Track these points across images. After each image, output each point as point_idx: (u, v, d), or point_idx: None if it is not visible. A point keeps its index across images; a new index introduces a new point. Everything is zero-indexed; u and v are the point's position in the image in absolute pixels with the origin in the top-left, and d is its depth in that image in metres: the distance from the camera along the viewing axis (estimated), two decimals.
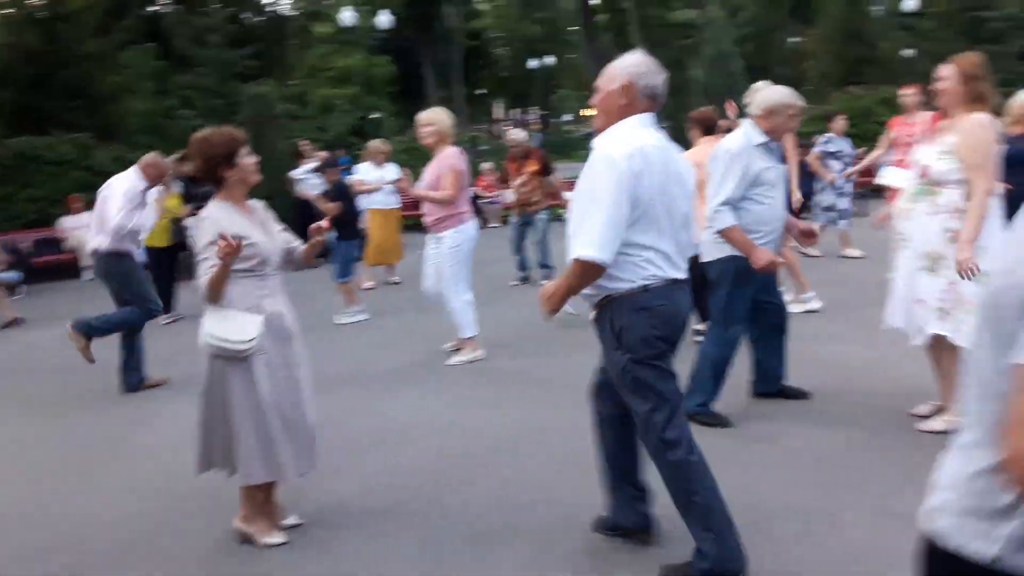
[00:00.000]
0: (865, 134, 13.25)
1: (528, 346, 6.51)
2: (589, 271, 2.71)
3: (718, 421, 4.36)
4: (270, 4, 27.49)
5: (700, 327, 6.03)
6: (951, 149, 3.81)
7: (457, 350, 6.19)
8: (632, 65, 2.83)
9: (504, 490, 3.78)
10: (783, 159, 4.60)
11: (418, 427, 4.75)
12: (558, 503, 3.57)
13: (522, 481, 3.87)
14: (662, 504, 3.05)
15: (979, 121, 3.74)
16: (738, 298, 4.34)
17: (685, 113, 6.58)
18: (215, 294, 3.15)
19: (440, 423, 4.81)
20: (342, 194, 8.09)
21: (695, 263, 4.56)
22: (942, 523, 1.22)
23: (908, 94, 7.86)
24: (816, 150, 9.41)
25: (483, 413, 4.95)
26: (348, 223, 7.94)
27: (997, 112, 3.96)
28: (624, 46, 27.54)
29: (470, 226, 6.01)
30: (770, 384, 4.73)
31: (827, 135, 9.52)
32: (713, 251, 4.34)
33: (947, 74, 3.84)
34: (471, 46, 39.84)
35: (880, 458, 3.85)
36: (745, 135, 4.23)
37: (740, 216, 4.15)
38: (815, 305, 6.82)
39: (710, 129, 5.94)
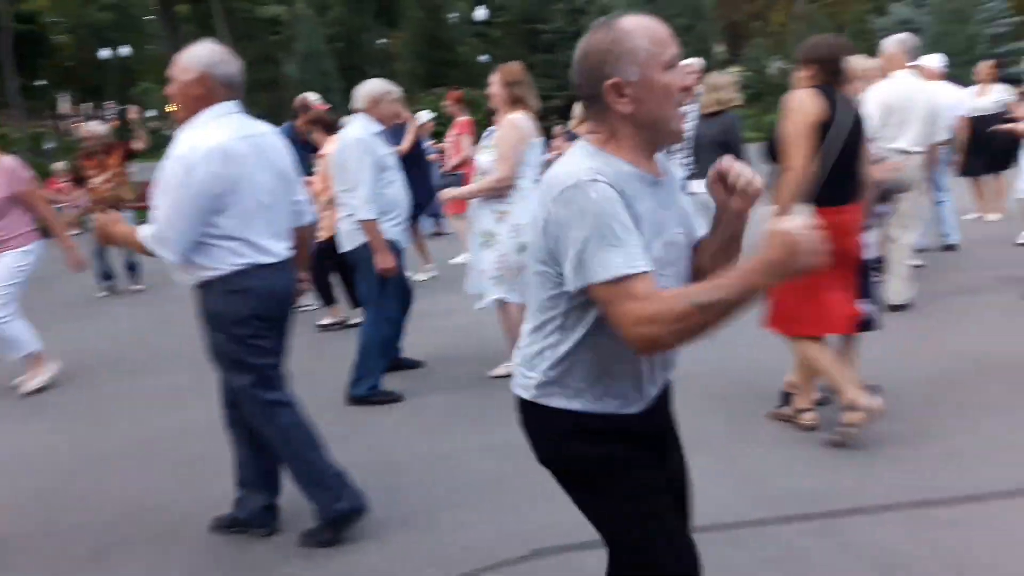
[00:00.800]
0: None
1: (131, 359, 6.08)
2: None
3: (392, 397, 4.62)
4: None
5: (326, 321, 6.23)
6: (494, 144, 4.54)
7: (31, 375, 5.44)
8: (205, 55, 2.84)
9: (123, 503, 3.56)
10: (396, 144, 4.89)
11: (19, 458, 4.22)
12: (177, 507, 3.47)
13: (140, 490, 3.68)
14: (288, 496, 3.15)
15: (511, 120, 4.47)
16: (388, 278, 4.56)
17: (281, 108, 6.65)
18: None
19: (40, 448, 4.32)
20: None
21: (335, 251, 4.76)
22: (517, 386, 1.75)
23: (448, 103, 8.84)
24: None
25: (88, 430, 4.56)
26: None
27: (537, 113, 4.70)
28: (209, 38, 26.29)
29: (34, 247, 5.33)
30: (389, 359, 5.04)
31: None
32: (352, 239, 4.54)
33: (494, 80, 4.58)
34: (22, 31, 34.69)
35: (480, 404, 4.38)
36: (363, 127, 4.50)
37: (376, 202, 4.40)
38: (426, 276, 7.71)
39: (329, 126, 6.10)
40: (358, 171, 4.37)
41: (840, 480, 3.29)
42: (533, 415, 1.73)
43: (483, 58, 25.56)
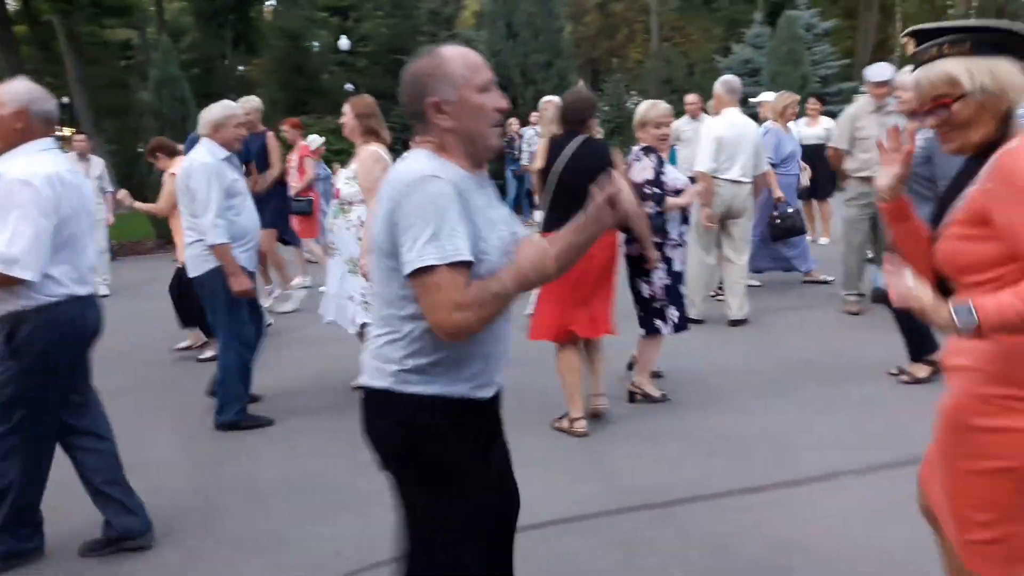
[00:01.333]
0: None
1: None
2: (11, 286, 2.74)
3: (261, 422, 4.58)
4: None
5: (187, 344, 6.10)
6: (354, 175, 4.68)
7: None
8: (24, 91, 2.89)
9: None
10: (246, 172, 4.89)
11: None
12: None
13: None
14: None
15: (372, 154, 4.62)
16: (238, 302, 4.51)
17: (134, 135, 6.53)
18: None
19: None
20: None
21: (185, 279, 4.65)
22: (367, 377, 1.85)
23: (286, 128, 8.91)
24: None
25: None
26: None
27: (389, 144, 4.81)
28: (53, 61, 24.92)
29: None
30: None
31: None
32: (201, 265, 4.46)
33: (347, 112, 4.69)
34: None
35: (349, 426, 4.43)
36: (208, 152, 4.46)
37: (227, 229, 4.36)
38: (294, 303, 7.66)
39: (173, 152, 6.05)
40: (205, 197, 4.33)
41: (681, 473, 3.60)
42: (386, 404, 1.81)
43: (348, 86, 25.57)
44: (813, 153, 8.45)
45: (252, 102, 7.07)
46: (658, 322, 4.52)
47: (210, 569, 3.03)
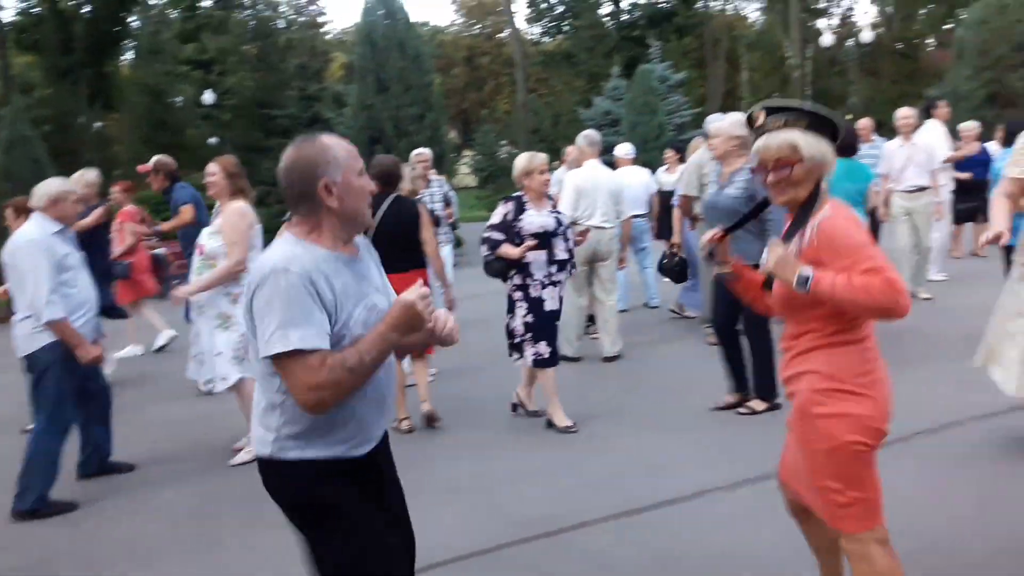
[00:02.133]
0: None
1: None
2: None
3: (64, 507, 4.31)
4: None
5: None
6: (218, 230, 4.77)
7: None
8: None
9: None
10: (81, 246, 4.71)
11: None
12: None
13: None
14: None
15: (237, 209, 4.76)
16: (67, 383, 4.36)
17: None
18: None
19: None
20: None
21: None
22: (255, 446, 2.05)
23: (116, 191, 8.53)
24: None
25: None
26: None
27: (254, 200, 4.98)
28: None
29: None
30: (99, 464, 4.82)
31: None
32: (34, 341, 4.30)
33: (213, 170, 4.80)
34: None
35: (215, 499, 4.44)
36: (39, 226, 4.39)
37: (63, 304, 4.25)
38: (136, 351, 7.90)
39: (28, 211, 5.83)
40: (34, 274, 4.21)
41: (567, 501, 3.84)
42: (274, 469, 2.01)
43: (213, 141, 25.06)
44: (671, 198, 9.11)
45: (88, 175, 7.14)
46: (515, 355, 4.99)
47: None
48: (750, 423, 4.81)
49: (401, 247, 4.88)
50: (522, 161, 4.97)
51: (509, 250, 4.85)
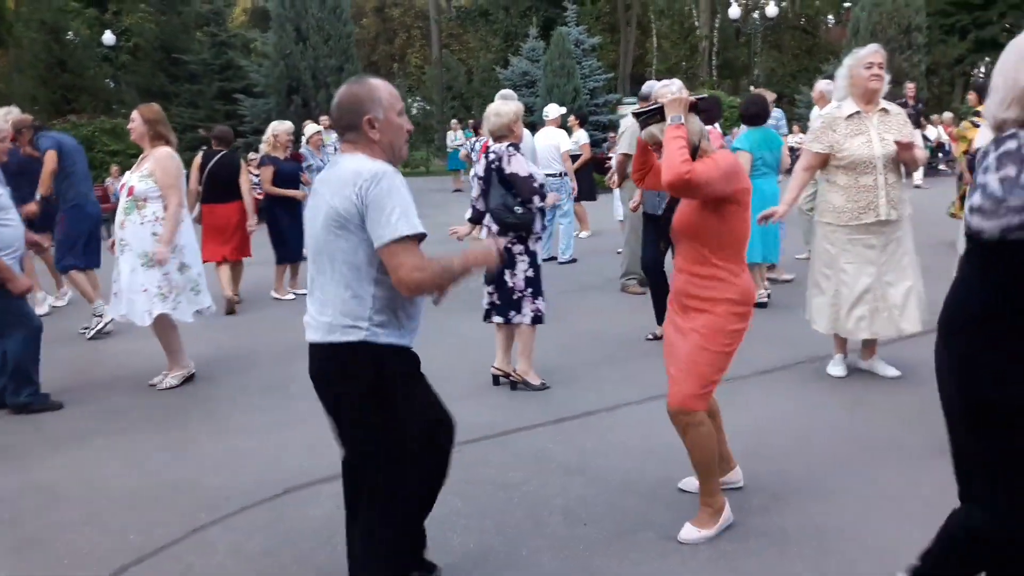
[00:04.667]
0: (93, 162, 13.77)
1: None
2: None
3: (53, 405, 4.89)
4: None
5: None
6: (149, 173, 5.04)
7: None
8: None
9: None
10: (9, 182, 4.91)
11: None
12: None
13: None
14: None
15: (167, 153, 5.09)
16: (10, 304, 4.66)
17: None
18: None
19: None
20: None
21: None
22: (339, 334, 2.32)
23: None
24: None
25: None
26: None
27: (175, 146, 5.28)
28: None
29: None
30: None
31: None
32: None
33: (133, 117, 5.16)
34: None
35: (144, 424, 4.87)
36: None
37: None
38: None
39: None
40: None
41: (505, 411, 4.46)
42: (362, 353, 2.29)
43: (109, 83, 24.21)
44: (573, 160, 9.72)
45: (13, 111, 7.07)
46: (512, 312, 4.78)
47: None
48: (658, 349, 5.52)
49: (223, 186, 7.56)
50: (512, 107, 4.79)
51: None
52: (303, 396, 2.78)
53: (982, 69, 29.56)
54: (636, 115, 3.10)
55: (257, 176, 9.27)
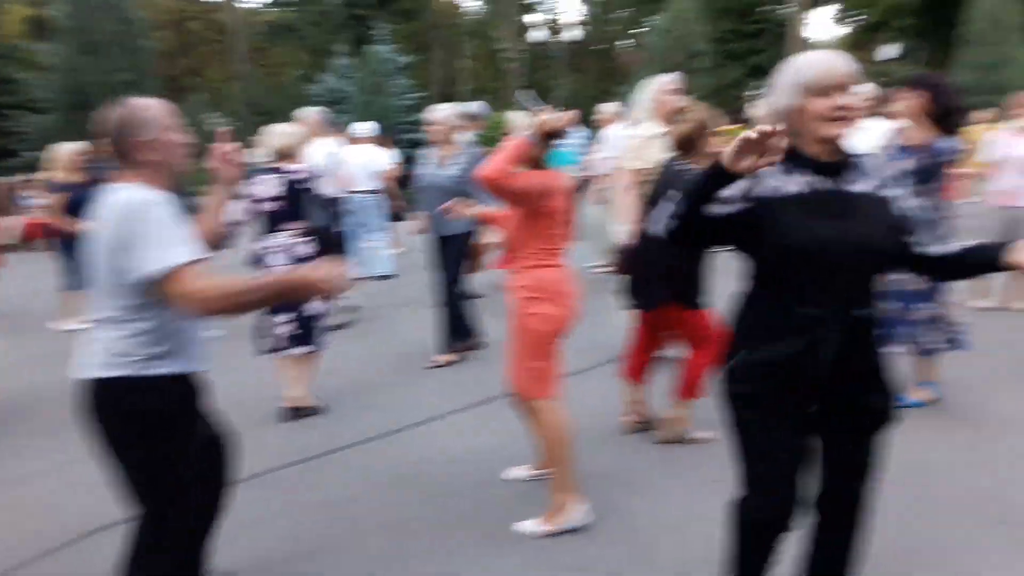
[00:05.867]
0: None
1: None
2: None
3: None
4: None
5: None
6: None
7: None
8: None
9: None
10: None
11: None
12: None
13: None
14: None
15: None
16: None
17: None
18: None
19: None
20: None
21: None
22: (102, 369, 2.27)
23: None
24: None
25: None
26: None
27: None
28: None
29: None
30: None
31: None
32: None
33: None
34: None
35: None
36: None
37: None
38: None
39: None
40: None
41: (322, 433, 4.44)
42: (124, 389, 2.25)
43: None
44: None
45: None
46: (309, 340, 4.65)
47: None
48: (468, 364, 5.72)
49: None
50: (298, 129, 4.87)
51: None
52: (82, 435, 2.69)
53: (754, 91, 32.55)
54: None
55: (40, 200, 8.47)
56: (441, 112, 5.74)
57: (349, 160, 7.87)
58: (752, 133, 1.86)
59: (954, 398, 4.50)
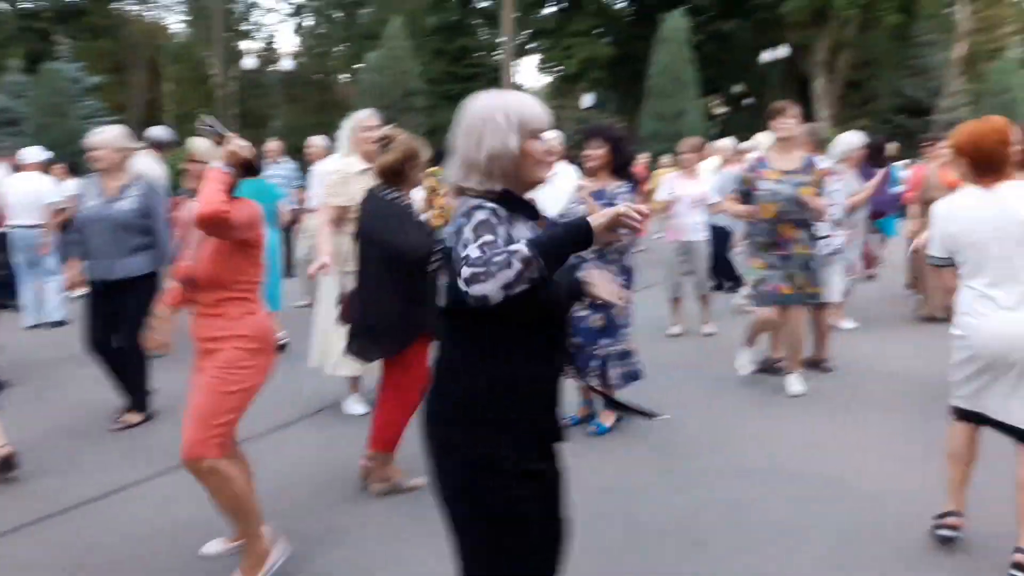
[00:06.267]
0: None
1: None
2: None
3: None
4: None
5: None
6: None
7: None
8: None
9: None
10: None
11: None
12: None
13: None
14: None
15: None
16: None
17: None
18: None
19: None
20: None
21: None
22: None
23: None
24: None
25: None
26: None
27: None
28: None
29: None
30: None
31: None
32: None
33: None
34: None
35: None
36: None
37: None
38: None
39: None
40: None
41: None
42: None
43: None
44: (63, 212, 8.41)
45: None
46: None
47: None
48: (147, 426, 5.02)
49: None
50: None
51: None
52: None
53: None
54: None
55: None
56: (107, 135, 4.89)
57: (12, 189, 6.82)
58: (630, 211, 1.78)
59: (641, 421, 4.74)
